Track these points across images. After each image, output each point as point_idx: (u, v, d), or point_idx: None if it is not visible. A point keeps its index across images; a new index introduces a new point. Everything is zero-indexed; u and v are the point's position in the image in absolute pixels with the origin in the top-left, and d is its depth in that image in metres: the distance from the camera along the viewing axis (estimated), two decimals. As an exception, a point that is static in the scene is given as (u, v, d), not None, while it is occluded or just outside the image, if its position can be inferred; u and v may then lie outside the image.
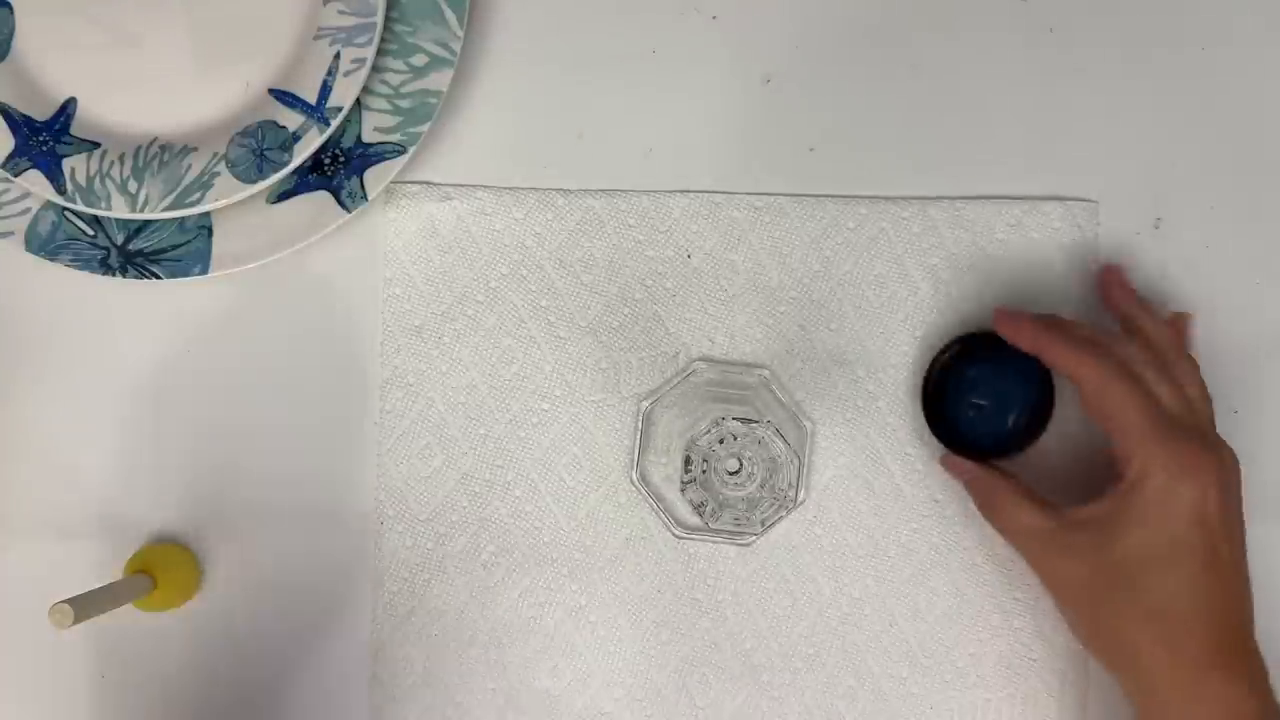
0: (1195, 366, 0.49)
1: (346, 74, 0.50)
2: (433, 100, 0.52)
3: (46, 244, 0.52)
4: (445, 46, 0.52)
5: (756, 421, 0.51)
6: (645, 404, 0.52)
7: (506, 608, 0.53)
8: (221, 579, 0.54)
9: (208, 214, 0.52)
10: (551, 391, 0.54)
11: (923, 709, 0.53)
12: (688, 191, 0.54)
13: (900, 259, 0.54)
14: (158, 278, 0.52)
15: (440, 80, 0.52)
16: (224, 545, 0.54)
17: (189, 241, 0.52)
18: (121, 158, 0.50)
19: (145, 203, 0.50)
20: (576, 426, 0.54)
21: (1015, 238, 0.54)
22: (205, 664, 0.54)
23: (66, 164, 0.50)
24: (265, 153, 0.50)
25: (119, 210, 0.50)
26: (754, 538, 0.52)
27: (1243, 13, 0.54)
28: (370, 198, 0.52)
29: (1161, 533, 0.45)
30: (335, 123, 0.50)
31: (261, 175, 0.50)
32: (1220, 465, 0.46)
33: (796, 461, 0.51)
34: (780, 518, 0.51)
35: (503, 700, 0.53)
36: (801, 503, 0.52)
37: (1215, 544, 0.45)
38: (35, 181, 0.50)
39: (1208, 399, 0.48)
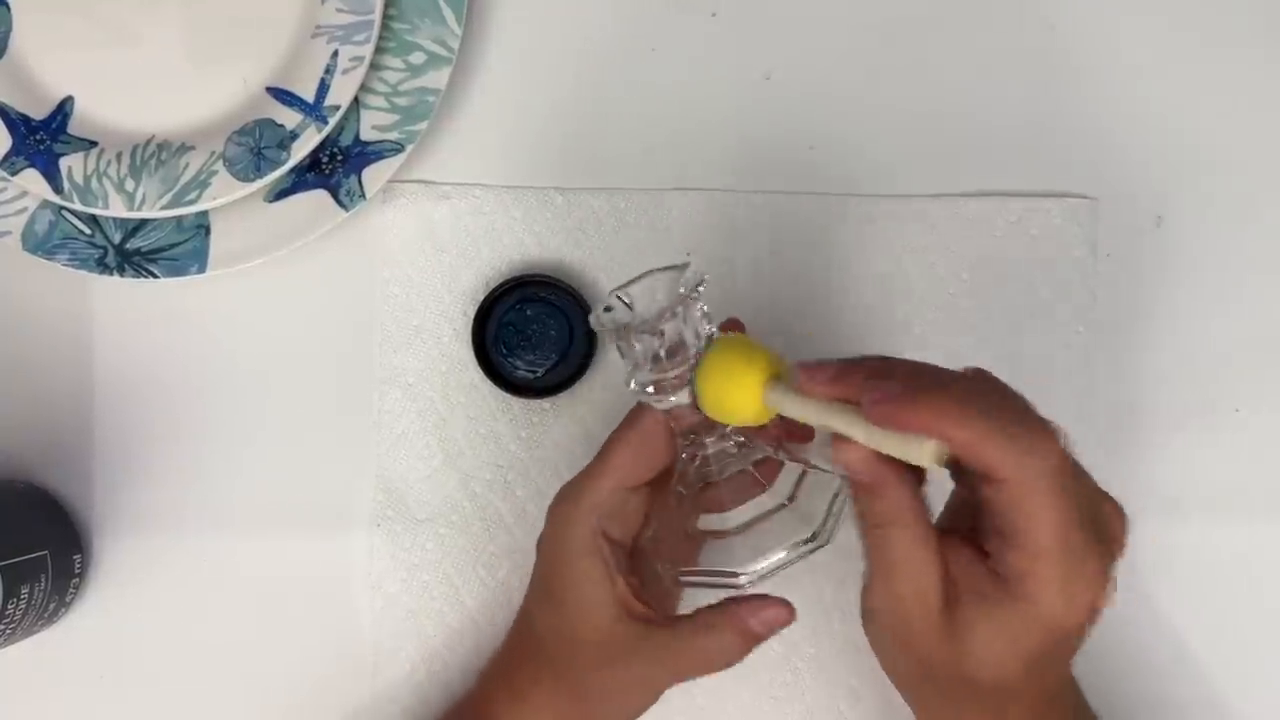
0: None
1: (344, 72, 0.50)
2: (431, 98, 0.52)
3: (43, 243, 0.51)
4: (444, 44, 0.52)
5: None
6: (645, 403, 0.52)
7: (508, 609, 0.53)
8: (218, 579, 0.53)
9: (205, 213, 0.52)
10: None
11: (924, 709, 0.53)
12: (688, 190, 0.54)
13: (900, 258, 0.54)
14: (155, 277, 0.51)
15: (438, 78, 0.52)
16: (221, 545, 0.53)
17: (186, 240, 0.52)
18: (119, 156, 0.50)
19: (142, 201, 0.50)
20: (579, 425, 0.54)
21: (1015, 235, 0.54)
22: (200, 663, 0.53)
23: (64, 163, 0.50)
24: (263, 151, 0.50)
25: (116, 209, 0.50)
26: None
27: (1243, 12, 0.54)
28: (368, 196, 0.51)
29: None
30: (333, 121, 0.50)
31: (259, 173, 0.50)
32: None
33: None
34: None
35: (502, 701, 0.53)
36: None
37: None
38: (32, 180, 0.50)
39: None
